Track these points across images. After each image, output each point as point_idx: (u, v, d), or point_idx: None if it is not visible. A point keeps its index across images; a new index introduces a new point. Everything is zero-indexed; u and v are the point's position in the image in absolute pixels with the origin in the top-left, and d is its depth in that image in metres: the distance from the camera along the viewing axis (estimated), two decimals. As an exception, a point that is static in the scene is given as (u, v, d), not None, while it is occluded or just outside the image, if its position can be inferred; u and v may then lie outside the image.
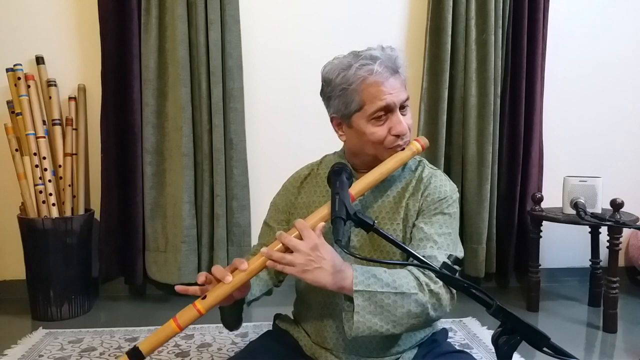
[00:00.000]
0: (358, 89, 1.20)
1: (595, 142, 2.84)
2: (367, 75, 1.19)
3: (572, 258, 2.84)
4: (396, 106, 1.21)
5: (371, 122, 1.22)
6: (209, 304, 1.10)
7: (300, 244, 1.09)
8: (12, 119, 2.37)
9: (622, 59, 2.82)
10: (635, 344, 2.14)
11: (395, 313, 1.11)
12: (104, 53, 2.43)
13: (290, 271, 1.09)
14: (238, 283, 1.11)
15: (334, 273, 1.09)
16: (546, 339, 0.84)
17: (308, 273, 1.08)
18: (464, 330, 2.21)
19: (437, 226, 1.23)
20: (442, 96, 2.57)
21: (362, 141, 1.25)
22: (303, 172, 1.42)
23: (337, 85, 1.22)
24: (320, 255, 1.09)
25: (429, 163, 1.36)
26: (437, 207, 1.25)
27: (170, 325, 1.10)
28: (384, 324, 1.11)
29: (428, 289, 1.13)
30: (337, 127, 1.31)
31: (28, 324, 2.29)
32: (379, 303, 1.10)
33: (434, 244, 1.20)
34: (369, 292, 1.10)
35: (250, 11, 2.55)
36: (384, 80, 1.19)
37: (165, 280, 2.53)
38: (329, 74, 1.25)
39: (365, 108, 1.21)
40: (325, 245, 1.12)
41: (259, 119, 2.62)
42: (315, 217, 1.15)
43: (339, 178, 1.16)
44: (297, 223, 1.12)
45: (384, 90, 1.19)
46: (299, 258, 1.08)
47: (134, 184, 2.47)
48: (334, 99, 1.25)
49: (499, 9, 2.54)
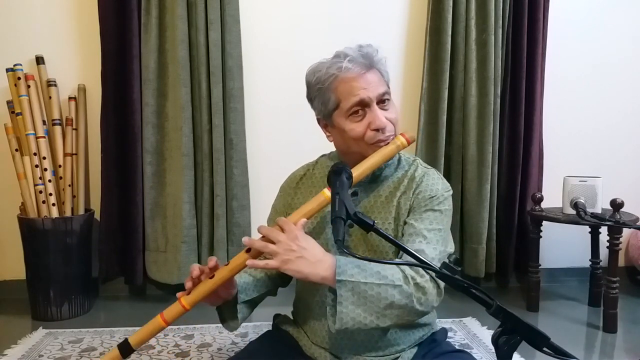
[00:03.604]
0: (331, 87, 1.22)
1: (595, 142, 2.84)
2: (337, 73, 1.21)
3: (572, 258, 2.84)
4: (372, 100, 1.21)
5: (349, 118, 1.23)
6: (192, 300, 1.15)
7: (280, 234, 1.11)
8: (12, 119, 2.37)
9: (622, 59, 2.82)
10: (635, 344, 2.14)
11: (379, 304, 1.11)
12: (104, 53, 2.43)
13: (272, 264, 1.10)
14: (221, 279, 1.15)
15: (316, 262, 1.10)
16: (546, 339, 0.84)
17: (289, 263, 1.09)
18: (464, 330, 2.21)
19: (427, 222, 1.23)
20: (442, 96, 2.57)
21: (344, 139, 1.26)
22: (299, 172, 1.43)
23: (314, 85, 1.25)
24: (301, 244, 1.10)
25: (422, 162, 1.36)
26: (428, 204, 1.25)
27: (157, 320, 1.16)
28: (368, 315, 1.11)
29: (414, 282, 1.13)
30: (324, 128, 1.33)
31: (28, 324, 2.29)
32: (362, 294, 1.10)
33: (422, 239, 1.21)
34: (352, 282, 1.10)
35: (250, 11, 2.55)
36: (355, 75, 1.20)
37: (165, 280, 2.53)
38: (308, 77, 1.28)
39: (341, 105, 1.22)
40: (306, 236, 1.13)
41: (259, 119, 2.62)
42: (297, 214, 1.17)
43: (339, 178, 1.17)
44: (278, 220, 1.15)
45: (356, 86, 1.20)
46: (279, 248, 1.10)
47: (134, 184, 2.47)
48: (315, 100, 1.27)
49: (499, 9, 2.54)
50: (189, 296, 1.14)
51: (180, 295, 1.17)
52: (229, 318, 1.30)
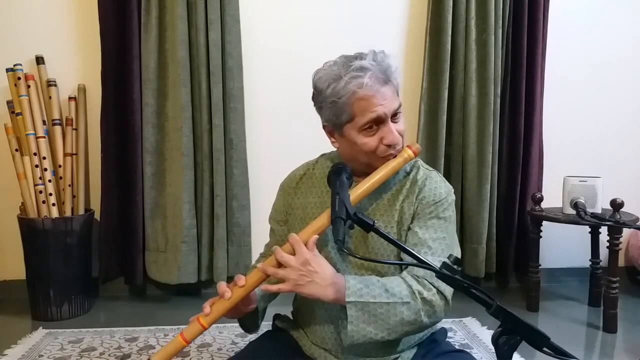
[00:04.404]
0: (348, 102, 1.18)
1: (595, 142, 2.84)
2: (357, 90, 1.16)
3: (572, 258, 2.84)
4: (387, 117, 1.20)
5: (362, 132, 1.21)
6: (211, 319, 1.17)
7: (292, 259, 1.13)
8: (12, 119, 2.37)
9: (622, 59, 2.82)
10: (635, 344, 2.14)
11: (388, 321, 1.14)
12: (104, 53, 2.43)
13: (285, 288, 1.13)
14: (237, 298, 1.17)
15: (326, 286, 1.13)
16: (546, 339, 0.84)
17: (301, 287, 1.13)
18: (464, 330, 2.21)
19: (432, 231, 1.23)
20: (442, 96, 2.57)
21: (354, 150, 1.25)
22: (299, 172, 1.43)
23: (328, 97, 1.20)
24: (312, 269, 1.12)
25: (424, 164, 1.35)
26: (433, 211, 1.25)
27: (178, 339, 1.17)
28: (379, 332, 1.14)
29: (420, 297, 1.15)
30: (330, 134, 1.31)
31: (28, 324, 2.29)
32: (372, 312, 1.13)
33: (427, 250, 1.21)
34: (361, 302, 1.13)
35: (250, 11, 2.55)
36: (374, 92, 1.17)
37: (165, 280, 2.53)
38: (319, 84, 1.23)
39: (356, 120, 1.20)
40: (317, 258, 1.15)
41: (259, 119, 2.62)
42: (309, 230, 1.17)
43: (339, 178, 1.17)
44: (290, 238, 1.16)
45: (374, 103, 1.17)
46: (291, 273, 1.13)
47: (134, 184, 2.47)
48: (325, 109, 1.24)
49: (499, 9, 2.54)
50: (208, 317, 1.16)
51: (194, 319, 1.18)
52: (249, 325, 1.36)
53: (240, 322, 1.35)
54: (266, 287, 1.15)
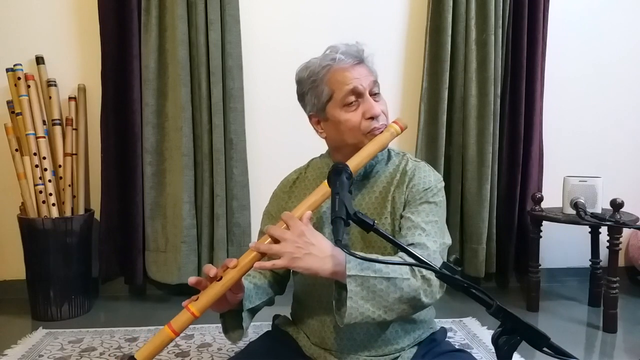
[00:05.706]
0: (325, 78, 1.26)
1: (595, 141, 2.84)
2: (331, 63, 1.25)
3: (572, 258, 2.84)
4: (365, 90, 1.24)
5: (344, 109, 1.24)
6: (202, 305, 1.08)
7: (286, 232, 1.08)
8: (12, 119, 2.37)
9: (622, 59, 2.82)
10: (635, 344, 2.14)
11: (387, 299, 1.10)
12: (104, 53, 2.43)
13: (280, 263, 1.07)
14: (229, 281, 1.09)
15: (325, 258, 1.08)
16: (546, 339, 0.84)
17: (298, 261, 1.07)
18: (464, 330, 2.21)
19: (423, 214, 1.24)
20: (442, 96, 2.57)
21: (339, 131, 1.26)
22: (291, 177, 1.44)
23: (306, 80, 1.29)
24: (308, 241, 1.08)
25: (412, 156, 1.37)
26: (423, 197, 1.26)
27: (165, 331, 1.07)
28: (376, 310, 1.10)
29: (420, 274, 1.13)
30: (316, 124, 1.33)
31: (28, 324, 2.29)
32: (371, 288, 1.09)
33: (422, 232, 1.21)
34: (362, 277, 1.08)
35: (250, 11, 2.55)
36: (347, 66, 1.25)
37: (165, 280, 2.53)
38: (300, 73, 1.33)
39: (334, 96, 1.25)
40: (313, 231, 1.11)
41: (259, 119, 2.62)
42: (301, 207, 1.15)
43: (339, 178, 1.16)
44: (283, 215, 1.12)
45: (349, 76, 1.24)
46: (286, 247, 1.07)
47: (134, 184, 2.47)
48: (307, 95, 1.30)
49: (499, 9, 2.54)
50: (198, 302, 1.08)
51: (186, 303, 1.11)
52: (232, 328, 1.27)
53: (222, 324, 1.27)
54: (261, 264, 1.08)
